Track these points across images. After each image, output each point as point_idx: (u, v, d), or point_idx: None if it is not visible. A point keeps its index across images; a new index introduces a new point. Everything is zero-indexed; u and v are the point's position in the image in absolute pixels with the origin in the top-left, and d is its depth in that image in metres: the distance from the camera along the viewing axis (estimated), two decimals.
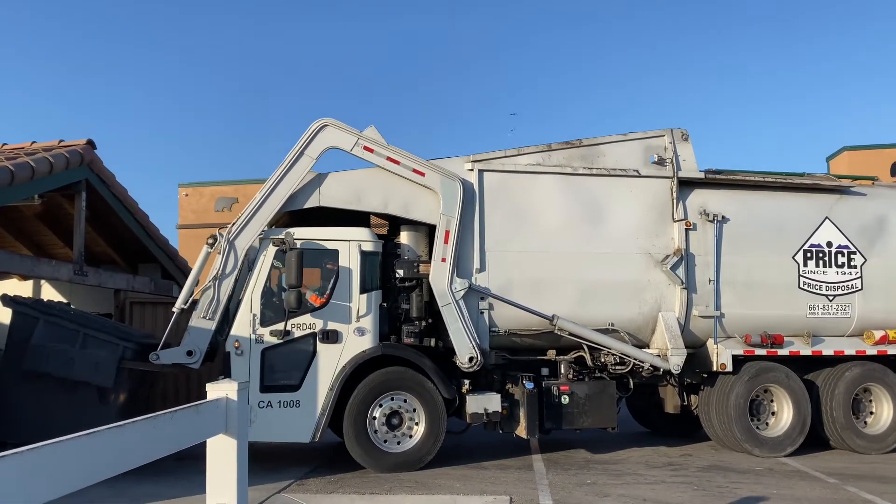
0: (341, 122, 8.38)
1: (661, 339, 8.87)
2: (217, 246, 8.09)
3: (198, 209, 31.19)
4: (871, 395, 9.30)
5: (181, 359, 7.96)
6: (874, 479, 7.61)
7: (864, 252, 9.42)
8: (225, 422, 3.76)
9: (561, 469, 8.22)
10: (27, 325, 7.97)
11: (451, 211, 8.36)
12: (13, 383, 7.88)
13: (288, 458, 8.98)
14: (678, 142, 9.16)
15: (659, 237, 8.98)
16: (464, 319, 8.20)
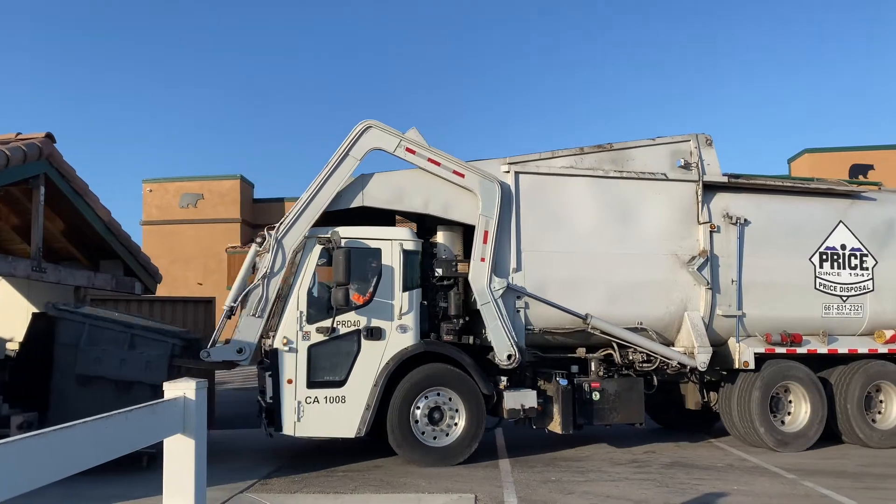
0: (384, 124, 8.91)
1: (686, 337, 9.64)
2: (265, 245, 8.57)
3: (162, 205, 31.24)
4: (882, 391, 10.15)
5: (231, 356, 8.42)
6: (831, 475, 8.17)
7: (876, 254, 10.28)
8: (183, 422, 3.80)
9: (526, 467, 8.59)
10: (74, 331, 8.32)
11: (489, 212, 8.96)
12: (69, 388, 8.21)
13: (252, 457, 9.31)
14: (703, 146, 9.95)
15: (685, 239, 9.73)
16: (502, 318, 8.85)
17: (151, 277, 12.89)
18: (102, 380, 8.32)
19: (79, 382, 8.22)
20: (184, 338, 8.76)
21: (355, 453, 9.46)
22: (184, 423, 3.82)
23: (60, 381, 8.32)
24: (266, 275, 8.49)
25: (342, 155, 8.79)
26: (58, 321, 8.43)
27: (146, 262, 12.40)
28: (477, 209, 9.05)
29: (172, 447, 3.82)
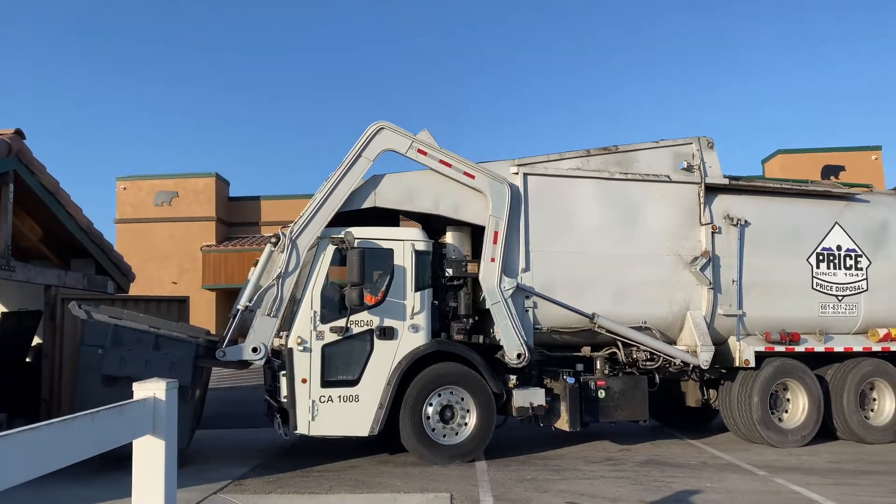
0: (397, 126, 9.09)
1: (689, 336, 9.98)
2: (280, 245, 8.70)
3: (136, 203, 30.95)
4: (875, 389, 10.58)
5: (247, 356, 8.54)
6: (801, 471, 8.43)
7: (870, 255, 10.73)
8: (152, 422, 3.76)
9: (502, 465, 8.75)
10: (100, 331, 8.37)
11: (499, 212, 9.19)
12: (94, 388, 8.26)
13: (226, 458, 9.39)
14: (704, 149, 10.30)
15: (688, 240, 10.06)
16: (512, 317, 9.08)
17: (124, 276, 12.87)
18: (128, 380, 8.35)
19: (104, 383, 8.27)
20: (208, 338, 8.84)
21: (331, 453, 9.54)
22: (154, 423, 3.78)
23: (85, 381, 8.37)
24: (281, 274, 8.61)
25: (355, 156, 8.95)
26: (83, 322, 8.49)
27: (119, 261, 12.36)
28: (487, 210, 9.27)
29: (142, 448, 3.79)
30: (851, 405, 10.27)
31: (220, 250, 29.13)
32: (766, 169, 33.01)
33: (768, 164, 33.12)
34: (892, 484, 7.76)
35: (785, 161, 32.04)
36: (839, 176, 31.50)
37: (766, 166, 33.15)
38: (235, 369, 8.98)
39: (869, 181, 24.17)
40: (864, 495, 7.25)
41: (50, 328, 10.95)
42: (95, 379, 8.29)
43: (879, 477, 8.17)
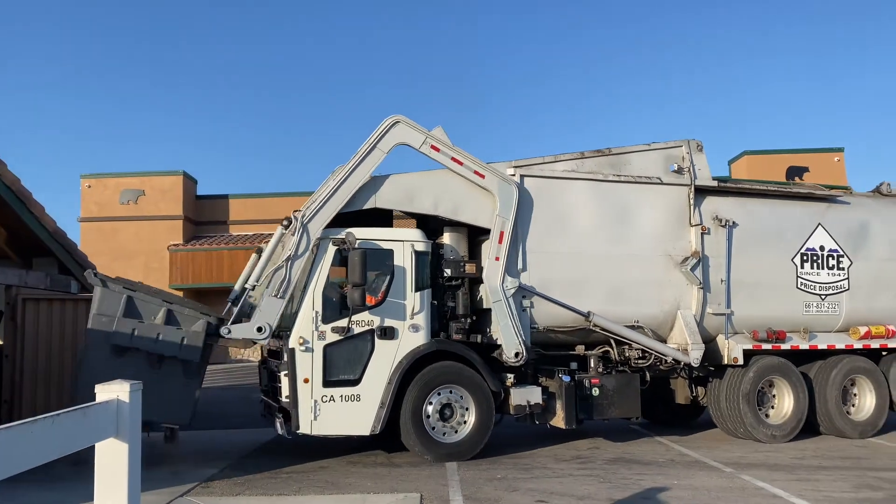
0: (412, 121, 9.30)
1: (679, 334, 10.31)
2: (291, 228, 8.81)
3: (101, 201, 30.56)
4: (856, 385, 11.07)
5: (251, 334, 8.63)
6: (766, 468, 8.68)
7: (851, 255, 11.20)
8: (116, 425, 3.72)
9: (472, 465, 8.85)
10: (114, 301, 8.36)
11: (506, 213, 9.42)
12: (101, 358, 8.25)
13: (194, 459, 9.41)
14: (694, 152, 10.64)
15: (678, 241, 10.38)
16: (512, 316, 9.30)
17: None
18: (136, 352, 8.39)
19: (113, 352, 8.27)
20: (218, 317, 8.90)
21: (301, 454, 9.63)
22: (117, 426, 3.73)
23: (93, 350, 8.34)
24: (290, 257, 8.74)
25: (370, 147, 9.13)
26: (100, 291, 8.44)
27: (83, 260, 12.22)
28: (491, 210, 9.50)
29: (105, 452, 3.74)
30: (834, 401, 10.71)
31: (187, 249, 28.90)
32: (732, 169, 33.84)
33: (735, 164, 33.96)
34: (853, 478, 8.13)
35: (751, 162, 32.91)
36: (803, 177, 32.46)
37: (732, 167, 33.98)
38: (240, 347, 9.01)
39: (832, 182, 24.98)
40: (826, 490, 7.56)
41: (11, 329, 10.82)
42: (104, 350, 8.27)
43: (841, 472, 8.54)
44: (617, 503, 7.11)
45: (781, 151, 33.74)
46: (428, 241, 9.47)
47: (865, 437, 10.85)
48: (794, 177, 32.24)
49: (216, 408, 15.63)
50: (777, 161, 32.95)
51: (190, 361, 8.52)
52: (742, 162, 33.38)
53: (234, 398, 17.53)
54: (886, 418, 11.18)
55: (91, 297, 12.12)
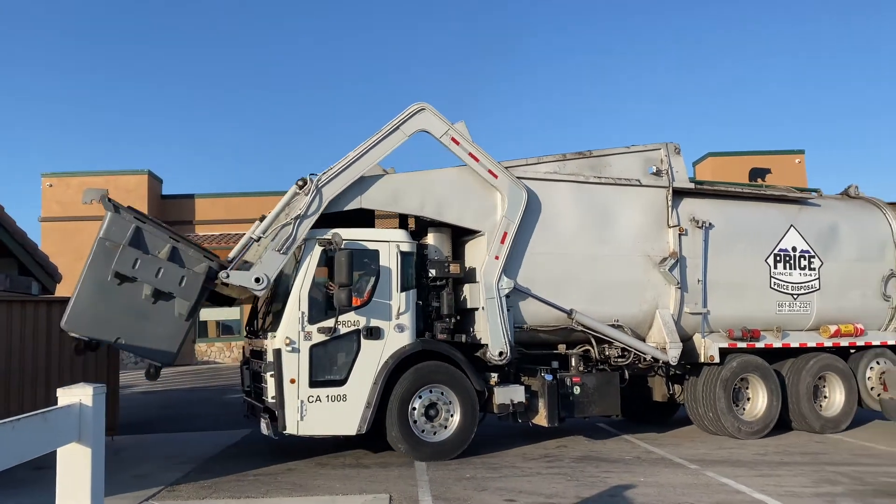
0: (437, 111, 9.48)
1: (658, 333, 10.54)
2: (305, 189, 8.91)
3: (64, 200, 30.09)
4: (826, 382, 11.46)
5: (249, 283, 8.63)
6: (730, 464, 8.90)
7: (821, 256, 11.59)
8: (78, 430, 3.66)
9: (441, 465, 8.91)
10: (122, 229, 8.25)
11: (513, 215, 9.62)
12: (100, 282, 8.18)
13: (160, 463, 9.38)
14: (672, 155, 10.90)
15: (657, 241, 10.63)
16: (503, 315, 9.44)
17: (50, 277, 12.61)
18: (134, 282, 8.29)
19: (112, 278, 8.19)
20: (221, 262, 8.90)
21: (269, 456, 9.65)
22: (79, 430, 3.66)
23: (93, 274, 8.23)
24: (300, 216, 8.83)
25: (393, 128, 9.32)
26: (105, 214, 8.35)
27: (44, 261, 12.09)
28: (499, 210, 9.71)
29: (67, 457, 3.67)
30: (806, 398, 11.06)
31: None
32: (696, 171, 34.51)
33: (699, 165, 34.63)
34: (813, 474, 8.42)
35: (715, 163, 33.61)
36: (765, 178, 33.25)
37: (696, 168, 34.65)
38: (234, 296, 9.04)
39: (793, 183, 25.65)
40: (788, 485, 7.82)
41: None
42: (104, 274, 8.16)
43: (801, 467, 8.82)
44: (584, 501, 7.26)
45: (744, 153, 34.53)
46: (413, 241, 9.56)
47: (837, 431, 11.22)
48: (756, 178, 33.01)
49: (183, 410, 15.54)
50: (740, 162, 33.70)
51: (185, 301, 8.46)
52: (706, 163, 34.05)
53: (201, 400, 17.43)
54: (855, 414, 11.58)
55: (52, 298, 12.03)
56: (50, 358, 10.58)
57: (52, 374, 10.46)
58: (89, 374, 10.68)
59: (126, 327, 8.25)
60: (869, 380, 11.70)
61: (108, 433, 10.84)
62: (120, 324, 8.24)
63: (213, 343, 29.38)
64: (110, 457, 3.92)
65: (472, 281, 9.84)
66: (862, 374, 11.65)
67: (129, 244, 8.19)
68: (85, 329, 8.21)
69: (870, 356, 11.79)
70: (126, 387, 19.58)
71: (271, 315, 9.65)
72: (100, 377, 10.71)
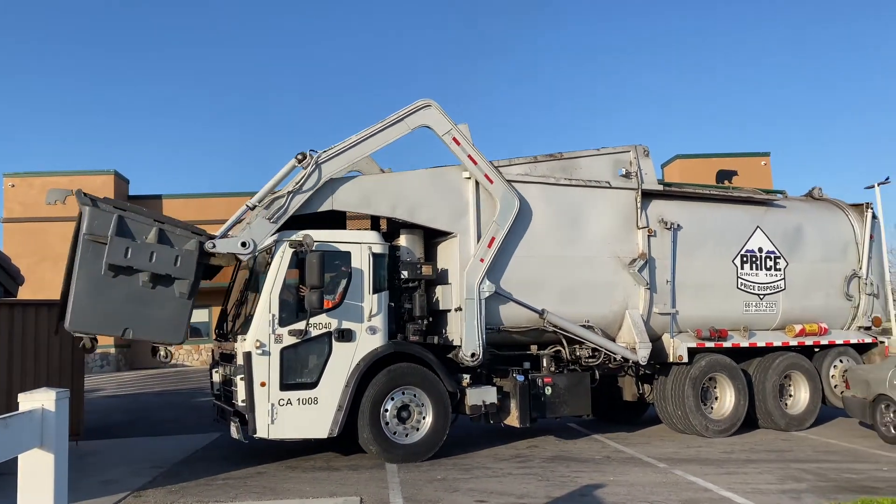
0: (443, 109, 9.65)
1: (628, 333, 10.63)
2: (305, 162, 8.92)
3: (26, 201, 29.57)
4: (792, 380, 11.66)
5: (235, 249, 8.68)
6: (698, 462, 9.06)
7: (787, 257, 11.80)
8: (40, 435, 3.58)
9: (413, 467, 8.89)
10: (104, 221, 8.14)
11: (503, 221, 9.74)
12: (95, 279, 8.10)
13: (126, 468, 9.26)
14: (641, 157, 11.01)
15: (626, 243, 10.72)
16: (480, 317, 9.47)
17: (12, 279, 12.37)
18: (129, 271, 8.23)
19: (107, 272, 8.11)
20: (209, 235, 8.85)
21: (238, 460, 9.58)
22: (42, 436, 3.58)
23: (85, 271, 8.10)
24: (294, 191, 8.91)
25: (398, 118, 9.47)
26: (83, 209, 8.19)
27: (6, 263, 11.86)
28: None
29: (28, 463, 3.57)
30: (772, 396, 11.25)
31: None
32: (665, 173, 34.90)
33: (667, 168, 35.03)
34: (779, 471, 8.58)
35: (683, 165, 34.03)
36: (732, 180, 33.74)
37: (665, 170, 35.04)
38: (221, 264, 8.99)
39: (759, 185, 26.07)
40: (754, 482, 7.96)
41: None
42: (96, 269, 8.07)
43: (767, 465, 8.98)
44: (554, 501, 7.31)
45: (711, 155, 35.00)
46: (385, 243, 9.54)
47: (801, 429, 11.42)
48: (723, 180, 33.48)
49: (151, 414, 15.35)
50: (707, 164, 34.15)
51: (184, 280, 8.43)
52: (674, 165, 34.45)
53: (169, 404, 17.22)
54: (819, 411, 11.81)
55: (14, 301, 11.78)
56: (12, 362, 10.36)
57: (15, 378, 10.26)
58: (53, 379, 10.48)
59: (130, 317, 8.24)
60: (832, 378, 11.93)
61: (73, 438, 10.70)
62: (124, 315, 8.22)
63: (181, 346, 29.01)
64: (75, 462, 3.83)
65: (445, 283, 9.84)
66: (826, 373, 11.88)
67: (115, 234, 8.10)
68: (90, 327, 8.20)
69: (833, 355, 12.03)
70: (92, 391, 19.29)
71: (241, 317, 9.54)
72: (64, 381, 10.52)
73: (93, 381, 22.04)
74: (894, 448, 9.88)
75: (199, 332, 29.31)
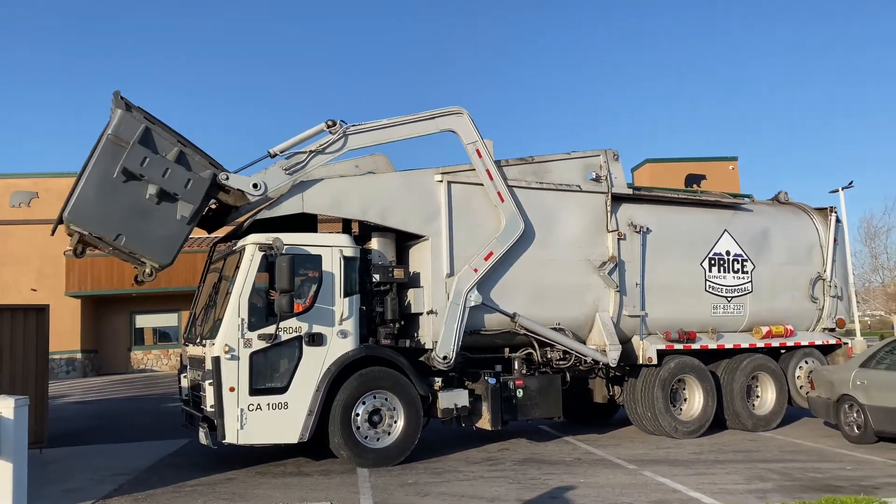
0: (473, 121, 10.01)
1: (598, 336, 10.70)
2: (334, 129, 9.29)
3: None
4: (759, 381, 11.82)
5: (246, 187, 8.90)
6: (667, 463, 9.13)
7: (754, 259, 11.96)
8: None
9: (384, 471, 8.87)
10: (131, 127, 8.32)
11: (505, 240, 9.94)
12: (107, 177, 8.31)
13: (92, 476, 9.09)
14: (611, 161, 11.09)
15: (596, 246, 10.79)
16: (461, 323, 9.50)
17: None
18: (139, 181, 8.38)
19: (119, 174, 8.31)
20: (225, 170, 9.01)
21: (207, 466, 9.48)
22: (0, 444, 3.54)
23: (99, 169, 8.33)
24: (317, 151, 9.26)
25: (428, 116, 9.86)
26: (115, 111, 8.39)
27: None
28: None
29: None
30: (740, 397, 11.39)
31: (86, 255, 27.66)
32: (635, 176, 35.29)
33: (637, 171, 35.43)
34: (746, 471, 8.68)
35: (653, 169, 34.43)
36: (700, 184, 34.20)
37: (635, 174, 35.43)
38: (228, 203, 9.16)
39: (727, 189, 26.46)
40: (722, 483, 8.06)
41: None
42: (110, 170, 8.27)
43: (735, 465, 9.09)
44: (525, 503, 7.33)
45: (681, 160, 35.48)
46: (357, 246, 9.49)
47: (768, 429, 11.58)
48: (692, 184, 33.93)
49: (118, 420, 15.14)
50: (677, 168, 34.60)
51: (189, 205, 8.56)
52: (645, 169, 34.83)
53: (137, 410, 17.00)
54: (785, 412, 11.98)
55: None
56: None
57: None
58: (16, 385, 10.27)
59: (128, 225, 8.40)
60: (798, 379, 12.11)
61: (36, 446, 10.48)
62: (122, 221, 8.39)
63: (149, 351, 28.65)
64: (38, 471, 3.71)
65: (417, 286, 9.82)
66: (792, 374, 12.06)
67: (138, 142, 8.29)
68: (87, 223, 8.32)
69: (799, 356, 12.22)
70: (57, 397, 18.95)
71: (210, 322, 9.43)
72: (27, 387, 10.31)
73: (58, 387, 21.66)
74: (858, 447, 10.04)
75: (167, 336, 28.95)
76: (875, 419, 9.91)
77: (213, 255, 10.58)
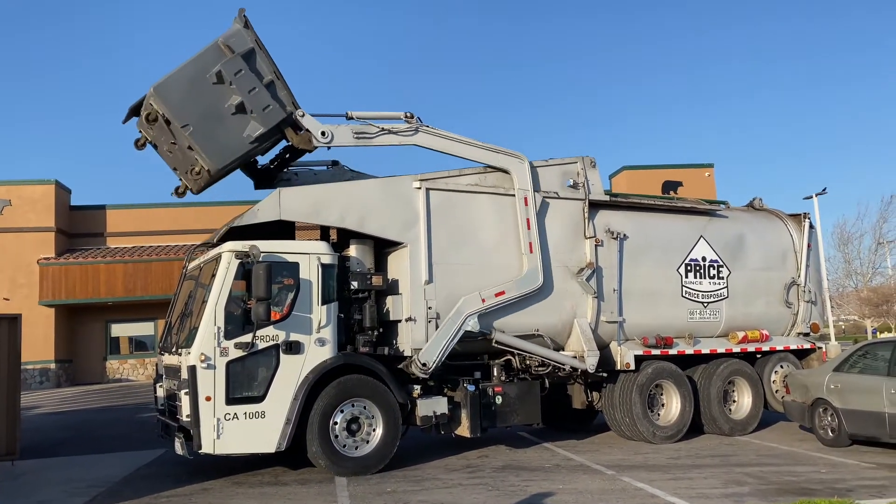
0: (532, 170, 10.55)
1: (576, 342, 10.72)
2: (410, 120, 9.93)
3: None
4: (735, 386, 11.89)
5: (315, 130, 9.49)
6: (645, 469, 9.17)
7: (729, 265, 12.06)
8: None
9: (362, 480, 8.81)
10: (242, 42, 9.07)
11: (520, 288, 10.18)
12: (202, 74, 8.93)
13: (64, 488, 8.96)
14: (588, 168, 11.15)
15: (574, 252, 10.82)
16: (453, 337, 9.54)
17: None
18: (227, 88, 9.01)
19: (215, 75, 8.94)
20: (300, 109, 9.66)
21: (182, 477, 9.36)
22: None
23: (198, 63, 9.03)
24: (386, 129, 9.85)
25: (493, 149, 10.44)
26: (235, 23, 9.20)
27: None
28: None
29: None
30: (716, 402, 11.46)
31: (60, 263, 27.36)
32: (613, 183, 35.50)
33: (615, 178, 35.64)
34: (723, 475, 8.74)
35: (630, 176, 34.65)
36: (677, 190, 34.46)
37: (613, 181, 35.64)
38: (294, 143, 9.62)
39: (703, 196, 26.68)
40: (699, 487, 8.11)
41: None
42: (207, 68, 8.91)
43: (712, 469, 9.15)
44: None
45: (657, 167, 35.73)
46: (335, 253, 9.44)
47: (745, 433, 11.66)
48: (669, 190, 34.15)
49: (93, 430, 14.94)
50: (654, 175, 34.83)
51: (259, 126, 9.09)
52: (622, 176, 35.05)
53: (112, 420, 16.79)
54: (761, 416, 12.08)
55: None
56: None
57: None
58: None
59: (200, 121, 8.92)
60: (774, 383, 12.22)
61: (8, 458, 10.33)
62: (196, 115, 8.92)
63: (125, 360, 28.29)
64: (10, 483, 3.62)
65: (396, 293, 9.79)
66: (767, 378, 12.16)
67: (241, 56, 8.93)
68: (167, 102, 8.86)
69: (774, 361, 12.33)
70: (30, 407, 18.67)
71: (186, 330, 9.33)
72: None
73: (32, 398, 21.33)
74: (832, 450, 10.16)
75: (143, 345, 28.60)
76: (849, 422, 10.02)
77: (189, 263, 10.47)
